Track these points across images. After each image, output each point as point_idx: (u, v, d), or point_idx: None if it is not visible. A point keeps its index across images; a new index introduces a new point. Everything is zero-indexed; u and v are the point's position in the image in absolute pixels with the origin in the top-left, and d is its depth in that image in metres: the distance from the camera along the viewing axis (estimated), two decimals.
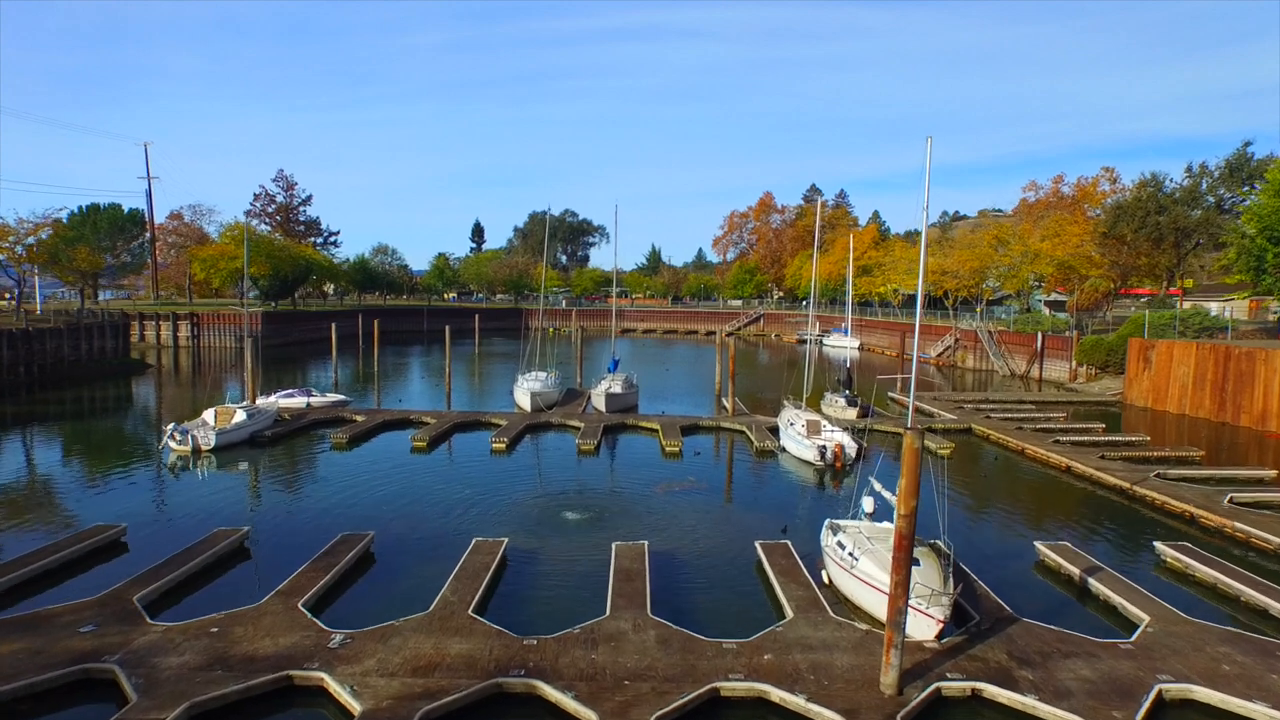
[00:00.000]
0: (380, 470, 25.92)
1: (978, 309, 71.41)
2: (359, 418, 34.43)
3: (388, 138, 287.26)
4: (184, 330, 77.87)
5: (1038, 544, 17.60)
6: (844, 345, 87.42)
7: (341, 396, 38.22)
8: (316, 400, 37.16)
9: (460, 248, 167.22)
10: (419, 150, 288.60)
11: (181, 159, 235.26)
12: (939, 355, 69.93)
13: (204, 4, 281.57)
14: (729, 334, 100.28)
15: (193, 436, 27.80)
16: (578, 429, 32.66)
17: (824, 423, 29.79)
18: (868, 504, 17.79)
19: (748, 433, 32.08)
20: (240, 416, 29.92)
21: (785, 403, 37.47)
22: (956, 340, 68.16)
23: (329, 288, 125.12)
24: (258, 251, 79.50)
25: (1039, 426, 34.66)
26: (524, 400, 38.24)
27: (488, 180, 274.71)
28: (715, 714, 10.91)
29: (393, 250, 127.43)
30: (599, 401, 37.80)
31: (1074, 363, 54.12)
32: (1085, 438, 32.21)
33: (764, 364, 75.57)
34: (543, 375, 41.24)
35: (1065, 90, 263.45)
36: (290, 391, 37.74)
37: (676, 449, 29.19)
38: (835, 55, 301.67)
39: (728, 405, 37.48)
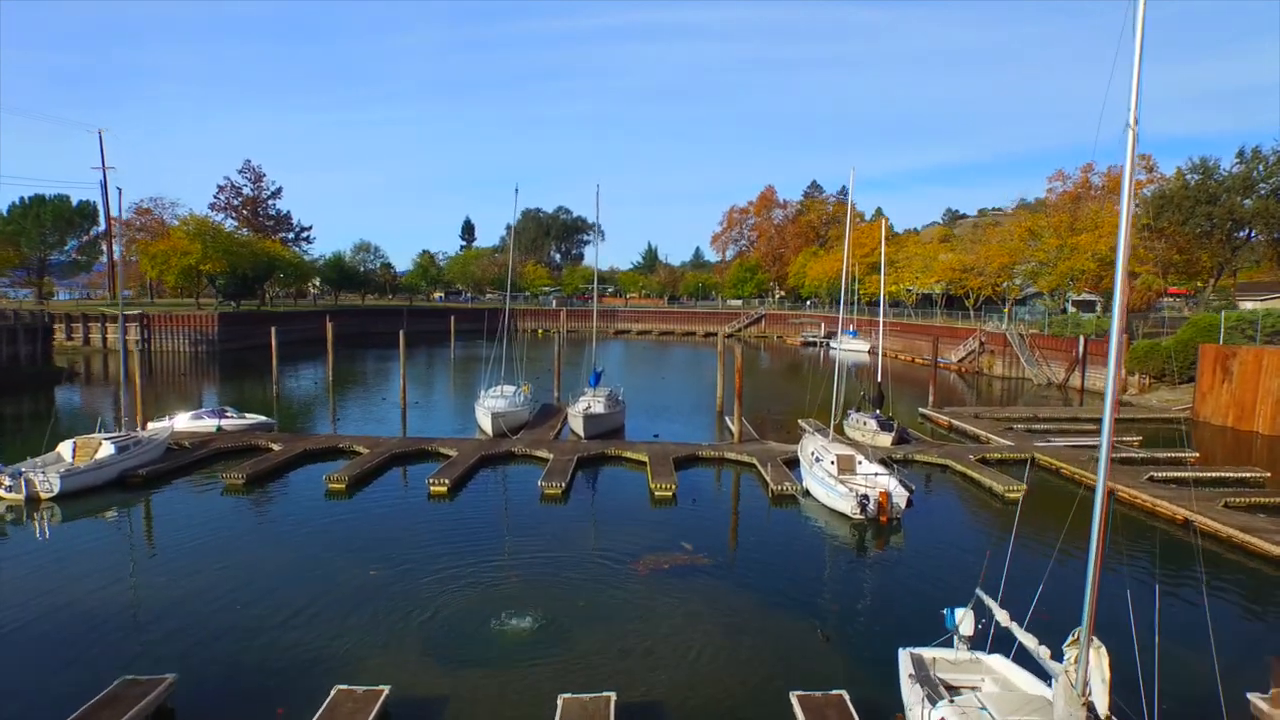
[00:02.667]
0: (264, 533, 19.19)
1: (1005, 309, 64.79)
2: (275, 446, 27.69)
3: (381, 137, 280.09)
4: (133, 333, 70.91)
5: (1253, 697, 10.85)
6: (853, 349, 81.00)
7: (262, 418, 31.43)
8: (232, 422, 30.41)
9: (452, 246, 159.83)
10: (412, 150, 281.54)
11: (168, 159, 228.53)
12: (960, 361, 63.34)
13: (193, 3, 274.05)
14: (729, 335, 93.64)
15: (27, 481, 21.03)
16: (545, 462, 25.98)
17: (858, 457, 23.13)
18: (964, 622, 11.22)
19: (759, 468, 25.39)
20: (107, 450, 23.14)
21: (805, 427, 30.84)
22: (982, 344, 61.55)
23: (314, 287, 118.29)
24: (214, 247, 72.67)
25: (1115, 455, 28.01)
26: (485, 421, 31.56)
27: (482, 179, 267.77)
28: None
29: (375, 248, 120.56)
30: (576, 423, 31.12)
31: (1123, 371, 47.50)
32: (1182, 473, 25.55)
33: (766, 369, 68.96)
34: (510, 390, 34.51)
35: (1065, 89, 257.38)
36: (200, 412, 31.00)
37: (669, 493, 22.52)
38: (833, 55, 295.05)
39: (733, 428, 30.82)
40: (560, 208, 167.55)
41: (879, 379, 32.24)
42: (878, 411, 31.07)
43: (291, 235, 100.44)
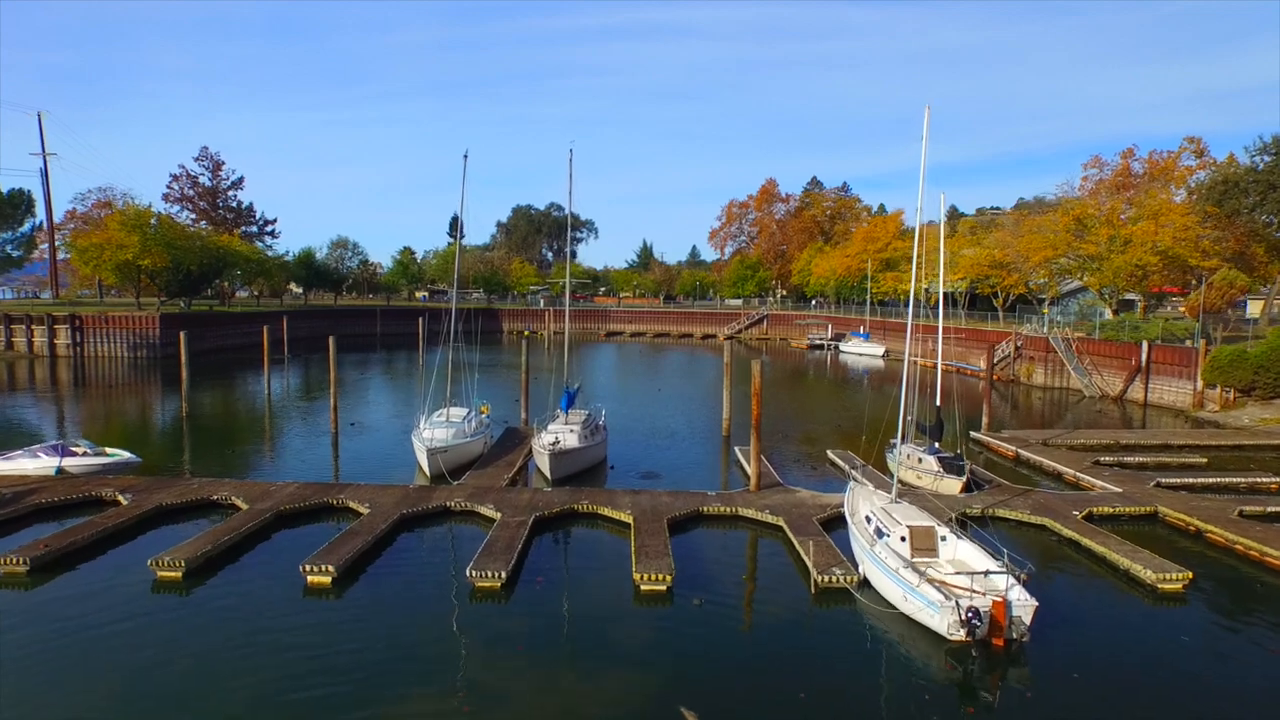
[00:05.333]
0: (6, 682, 11.64)
1: (1044, 309, 57.44)
2: (123, 499, 20.18)
3: (375, 136, 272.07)
4: (62, 336, 63.21)
5: None
6: (865, 353, 73.63)
7: (124, 455, 23.70)
8: (79, 462, 22.75)
9: (441, 244, 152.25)
10: (405, 148, 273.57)
11: (158, 158, 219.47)
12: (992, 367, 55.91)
13: (187, 3, 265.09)
14: (729, 338, 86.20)
15: None
16: (490, 524, 18.56)
17: (941, 530, 15.72)
18: None
19: (790, 536, 17.94)
20: None
21: (842, 465, 23.62)
22: (1018, 349, 54.20)
23: (285, 285, 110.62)
24: (154, 239, 64.98)
25: (1271, 509, 20.68)
26: (422, 457, 24.09)
27: (475, 177, 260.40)
28: None
29: (354, 244, 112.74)
30: (541, 461, 23.60)
31: (1200, 383, 40.25)
32: None
33: (770, 375, 61.37)
34: (460, 414, 27.03)
35: (1065, 89, 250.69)
36: (38, 448, 23.34)
37: (663, 587, 15.06)
38: (830, 54, 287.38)
39: (747, 468, 23.39)
40: (552, 204, 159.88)
41: (937, 400, 24.71)
42: (936, 445, 23.63)
43: (255, 229, 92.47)
